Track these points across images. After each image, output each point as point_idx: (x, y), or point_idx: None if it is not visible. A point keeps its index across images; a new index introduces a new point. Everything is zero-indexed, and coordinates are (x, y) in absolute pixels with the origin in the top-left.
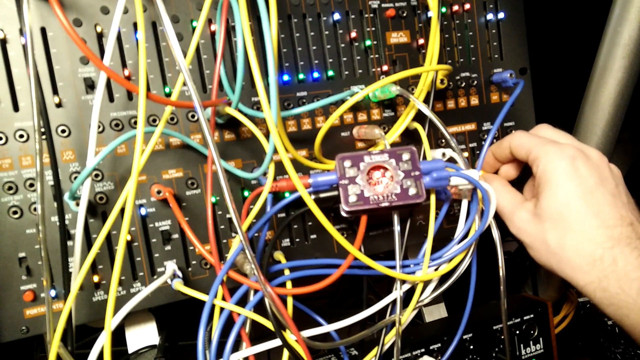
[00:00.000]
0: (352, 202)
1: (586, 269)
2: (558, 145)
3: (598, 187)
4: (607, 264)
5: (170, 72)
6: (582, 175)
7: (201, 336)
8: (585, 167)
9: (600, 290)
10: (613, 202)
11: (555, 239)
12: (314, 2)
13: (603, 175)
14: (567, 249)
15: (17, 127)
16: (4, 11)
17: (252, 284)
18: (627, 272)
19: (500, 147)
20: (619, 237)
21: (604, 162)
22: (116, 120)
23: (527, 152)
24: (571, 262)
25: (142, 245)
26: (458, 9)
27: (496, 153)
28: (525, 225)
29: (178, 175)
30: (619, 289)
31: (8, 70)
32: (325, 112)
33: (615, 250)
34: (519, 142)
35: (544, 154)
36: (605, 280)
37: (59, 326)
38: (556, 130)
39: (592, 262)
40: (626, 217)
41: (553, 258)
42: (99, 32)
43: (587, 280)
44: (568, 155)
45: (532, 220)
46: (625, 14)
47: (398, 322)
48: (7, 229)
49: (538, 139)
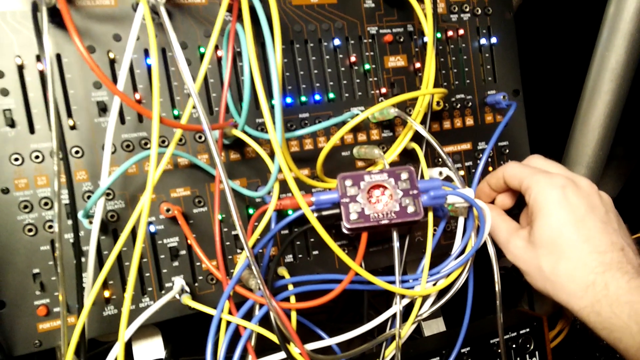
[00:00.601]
0: (353, 220)
1: (580, 294)
2: (549, 175)
3: (588, 214)
4: (599, 288)
5: (178, 95)
6: (573, 203)
7: (209, 349)
8: (575, 195)
9: (594, 314)
10: (604, 228)
11: (549, 265)
12: (315, 29)
13: (593, 203)
14: (561, 274)
15: (33, 149)
16: (21, 38)
17: (257, 299)
18: (619, 296)
19: (495, 177)
20: (610, 262)
21: (593, 191)
22: (127, 141)
23: (519, 182)
24: (565, 287)
25: (150, 262)
26: (452, 34)
27: (491, 183)
28: (520, 252)
29: (186, 194)
30: (611, 313)
31: (25, 95)
32: (327, 132)
33: (607, 275)
34: (512, 172)
35: (535, 183)
36: (598, 304)
37: (73, 339)
38: (547, 161)
39: (585, 287)
40: (617, 243)
41: (548, 284)
42: (112, 58)
43: (581, 305)
44: (558, 184)
45: (527, 247)
46: (613, 40)
47: (398, 335)
48: (22, 246)
49: (530, 169)
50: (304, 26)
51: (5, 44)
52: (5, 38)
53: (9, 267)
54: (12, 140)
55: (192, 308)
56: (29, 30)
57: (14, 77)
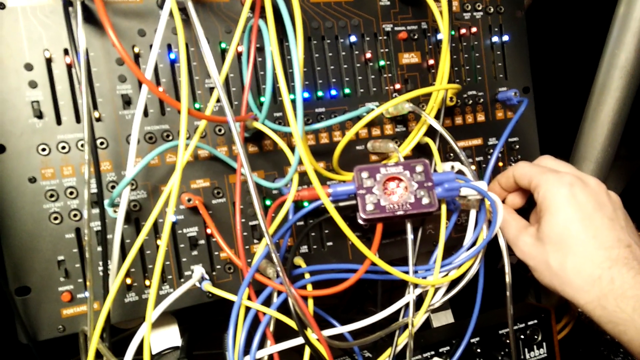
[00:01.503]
0: (369, 211)
1: (586, 289)
2: (557, 174)
3: (596, 211)
4: (605, 283)
5: (199, 89)
6: (580, 201)
7: (231, 333)
8: (583, 193)
9: (600, 308)
10: (611, 225)
11: (556, 261)
12: (332, 25)
13: (601, 200)
14: (568, 270)
15: (60, 139)
16: (49, 32)
17: (277, 286)
18: (624, 291)
19: (505, 176)
20: (617, 258)
21: (601, 189)
22: (150, 133)
23: (529, 181)
24: (572, 282)
25: (171, 250)
26: (465, 32)
27: (502, 182)
28: (529, 249)
29: (205, 185)
30: (617, 307)
31: (52, 87)
32: (342, 126)
33: (613, 270)
34: (522, 171)
35: (544, 182)
36: (604, 299)
37: (99, 323)
38: (557, 161)
39: (592, 282)
40: (624, 240)
41: (556, 279)
42: (136, 52)
43: (587, 299)
44: (566, 182)
45: (535, 244)
46: (622, 38)
47: (411, 324)
48: (48, 234)
49: (539, 168)
50: (322, 23)
51: (34, 38)
52: (35, 32)
53: (34, 254)
54: (40, 131)
55: (210, 295)
56: (58, 25)
57: (43, 70)
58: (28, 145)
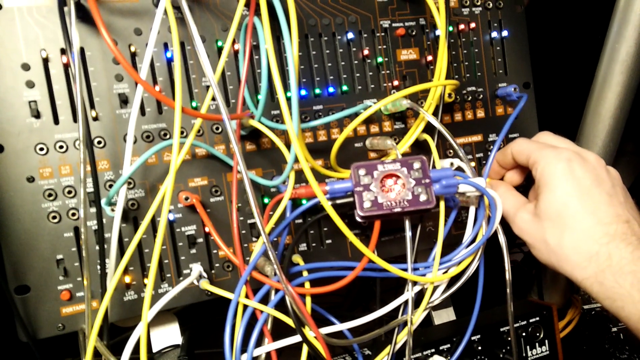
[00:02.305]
0: (366, 208)
1: (584, 265)
2: (555, 149)
3: (594, 187)
4: (603, 259)
5: (196, 87)
6: (578, 176)
7: (228, 331)
8: (581, 168)
9: (597, 284)
10: (609, 201)
11: (554, 237)
12: (329, 23)
13: (599, 176)
14: (566, 246)
15: (57, 139)
16: (46, 32)
17: (274, 284)
18: (622, 266)
19: (504, 154)
20: (615, 234)
21: (600, 164)
22: (147, 132)
23: (527, 157)
24: (570, 258)
25: (169, 249)
26: (464, 27)
27: (500, 160)
28: (527, 225)
29: (203, 184)
30: (614, 282)
31: (50, 87)
32: (340, 124)
33: (611, 246)
34: (520, 148)
35: (541, 157)
36: (602, 274)
37: (97, 321)
38: (555, 136)
39: (589, 258)
40: (622, 215)
41: (553, 256)
42: (133, 51)
43: (584, 275)
44: (564, 157)
45: (533, 220)
46: (623, 32)
47: (410, 321)
48: (47, 233)
49: (537, 144)
50: (318, 20)
51: (31, 37)
52: (31, 32)
53: (33, 253)
54: (37, 130)
55: (209, 294)
56: (54, 25)
57: (40, 69)
58: (26, 145)
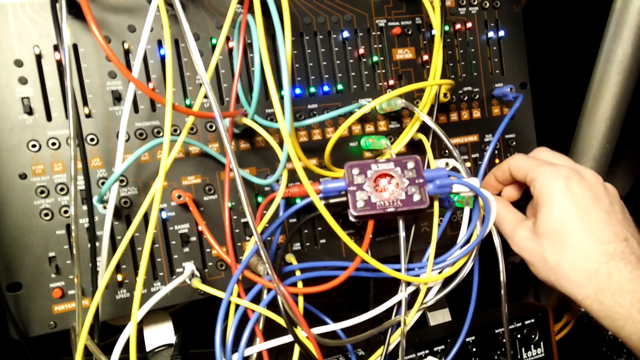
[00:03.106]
0: (359, 207)
1: (583, 283)
2: (553, 167)
3: (592, 205)
4: (602, 277)
5: (190, 85)
6: (576, 194)
7: (219, 331)
8: (580, 186)
9: (597, 303)
10: (607, 219)
11: (553, 255)
12: (324, 21)
13: (597, 194)
14: (565, 264)
15: (50, 136)
16: (39, 28)
17: (266, 283)
18: (621, 286)
19: (501, 169)
20: (614, 252)
21: (598, 182)
22: (141, 129)
23: (525, 174)
24: (569, 277)
25: (162, 247)
26: (460, 27)
27: (497, 175)
28: (525, 243)
29: (196, 182)
30: (614, 302)
31: (42, 84)
32: (335, 123)
33: (610, 265)
34: (518, 164)
35: (540, 175)
36: (601, 293)
37: (87, 319)
38: (553, 153)
39: (589, 277)
40: (620, 234)
41: (552, 274)
42: (126, 48)
43: (584, 294)
44: (562, 175)
45: (531, 238)
46: (620, 33)
47: (403, 322)
48: (39, 230)
49: (535, 161)
50: (314, 18)
51: (24, 34)
52: (24, 28)
53: (25, 251)
54: (30, 127)
55: (201, 293)
56: (47, 21)
57: (32, 66)
58: (18, 142)
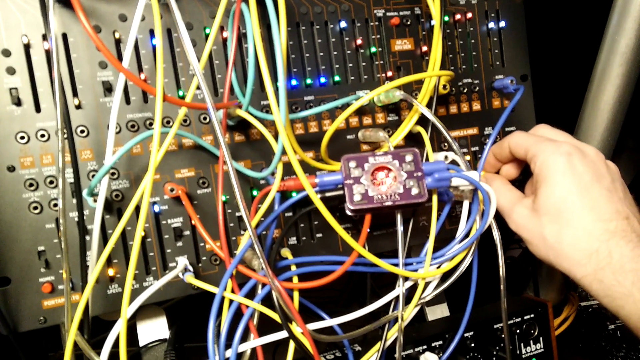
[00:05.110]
0: (356, 201)
1: (583, 262)
2: (555, 143)
3: (594, 182)
4: (602, 256)
5: (184, 76)
6: (578, 171)
7: (211, 326)
8: (581, 163)
9: (597, 282)
10: (609, 197)
11: (552, 233)
12: (321, 11)
13: (599, 171)
14: (565, 242)
15: (39, 127)
16: (27, 17)
17: (260, 278)
18: (622, 264)
19: (500, 147)
20: (615, 231)
21: (600, 159)
22: (132, 121)
23: (525, 151)
24: (568, 255)
25: (155, 241)
26: (460, 17)
27: (496, 153)
28: (524, 220)
29: (190, 175)
30: (614, 281)
31: (31, 74)
32: (332, 115)
33: (611, 243)
34: (517, 141)
35: (541, 151)
36: (601, 272)
37: (77, 315)
38: (554, 130)
39: (589, 255)
40: (622, 212)
41: (551, 252)
42: (117, 38)
43: (584, 272)
44: (564, 152)
45: (530, 215)
46: (623, 23)
47: (400, 318)
48: (28, 224)
49: (536, 138)
50: (310, 8)
51: (12, 23)
52: (12, 17)
53: (14, 245)
54: (18, 118)
55: (195, 288)
56: (36, 10)
57: (21, 56)
58: (6, 133)
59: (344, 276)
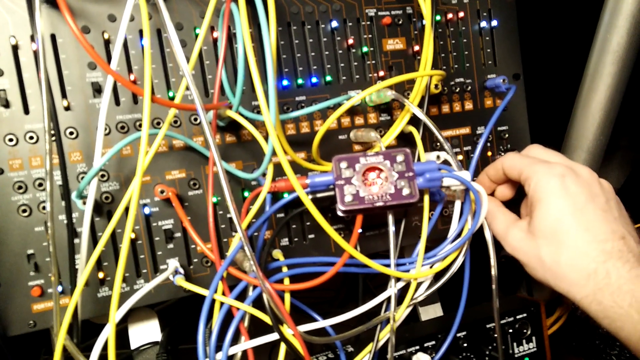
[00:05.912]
0: (348, 202)
1: (582, 283)
2: (548, 165)
3: (588, 203)
4: (600, 277)
5: (174, 77)
6: (572, 192)
7: (201, 329)
8: (575, 184)
9: (596, 303)
10: (604, 217)
11: (549, 255)
12: (312, 10)
13: (593, 191)
14: (562, 264)
15: (28, 129)
16: (15, 18)
17: (250, 280)
18: (620, 285)
19: (494, 168)
20: (611, 251)
21: (593, 179)
22: (122, 123)
23: (519, 173)
24: (567, 277)
25: (145, 244)
26: (452, 17)
27: (491, 175)
28: (520, 243)
29: (181, 176)
30: (613, 302)
31: (19, 75)
32: (324, 116)
33: (608, 264)
34: (511, 163)
35: (534, 173)
36: (600, 293)
37: (66, 319)
38: (547, 150)
39: (587, 276)
40: (617, 231)
41: (549, 274)
42: (106, 38)
43: (582, 294)
44: (558, 173)
45: (526, 238)
46: (614, 22)
47: (392, 318)
48: (17, 227)
49: (529, 159)
50: (301, 8)
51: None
52: (0, 18)
53: (2, 248)
54: (7, 120)
55: (186, 290)
56: (24, 10)
57: (9, 57)
58: None
59: (338, 277)
